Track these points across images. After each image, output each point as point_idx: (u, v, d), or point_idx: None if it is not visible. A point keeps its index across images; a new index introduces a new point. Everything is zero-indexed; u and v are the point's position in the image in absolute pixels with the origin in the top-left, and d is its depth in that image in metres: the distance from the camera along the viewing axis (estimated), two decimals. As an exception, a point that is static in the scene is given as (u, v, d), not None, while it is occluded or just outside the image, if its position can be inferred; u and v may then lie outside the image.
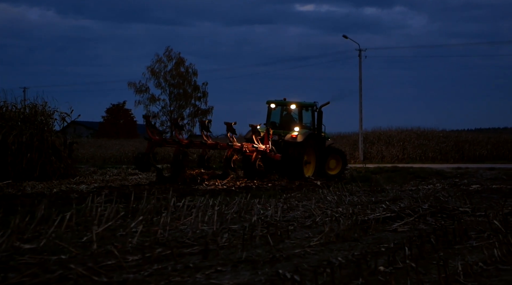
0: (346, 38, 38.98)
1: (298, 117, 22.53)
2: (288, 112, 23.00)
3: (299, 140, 21.09)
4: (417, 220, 9.67)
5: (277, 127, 21.99)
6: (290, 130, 21.96)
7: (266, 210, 10.84)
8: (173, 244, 7.57)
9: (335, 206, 12.03)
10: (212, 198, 11.70)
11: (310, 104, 22.78)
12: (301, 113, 22.53)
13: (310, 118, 22.74)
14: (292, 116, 22.93)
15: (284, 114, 23.01)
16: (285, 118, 22.88)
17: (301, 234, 8.45)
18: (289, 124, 22.51)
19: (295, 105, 22.61)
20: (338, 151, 23.90)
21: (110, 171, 26.64)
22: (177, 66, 76.37)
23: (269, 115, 22.80)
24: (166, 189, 16.51)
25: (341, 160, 23.28)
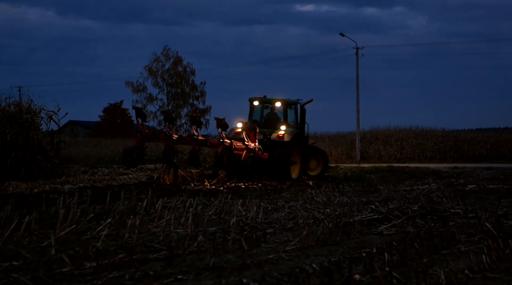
0: (343, 36, 38.49)
1: (283, 115, 21.74)
2: (272, 110, 22.19)
3: (286, 140, 20.31)
4: (406, 222, 9.16)
5: (260, 125, 21.07)
6: (274, 128, 21.17)
7: (248, 212, 10.34)
8: (139, 248, 7.08)
9: (322, 207, 11.53)
10: (190, 199, 11.20)
11: (294, 101, 22.06)
12: (286, 111, 21.76)
13: (294, 116, 21.98)
14: (276, 114, 22.12)
15: (267, 112, 22.19)
16: (269, 116, 22.08)
17: (281, 238, 7.95)
18: (272, 122, 21.72)
19: (280, 102, 21.81)
20: (319, 151, 23.20)
21: (100, 171, 26.13)
22: (174, 65, 75.77)
23: (251, 112, 21.98)
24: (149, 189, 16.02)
25: (322, 160, 22.62)
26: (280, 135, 20.48)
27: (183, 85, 76.15)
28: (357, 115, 39.58)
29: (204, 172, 20.57)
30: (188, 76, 76.63)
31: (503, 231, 8.14)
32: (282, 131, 20.66)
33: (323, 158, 22.72)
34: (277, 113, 22.11)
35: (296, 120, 21.94)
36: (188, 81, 76.50)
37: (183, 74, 76.32)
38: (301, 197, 13.05)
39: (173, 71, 75.75)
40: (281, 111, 21.90)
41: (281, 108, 21.86)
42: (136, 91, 74.12)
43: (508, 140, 46.82)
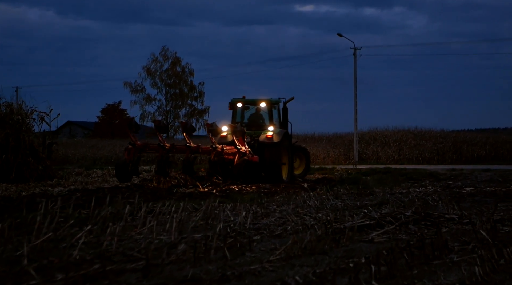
0: (341, 36, 38.19)
1: (269, 115, 21.27)
2: (257, 111, 21.75)
3: (275, 141, 19.89)
4: (398, 229, 8.85)
5: (244, 127, 20.65)
6: (259, 129, 20.76)
7: (237, 217, 10.03)
8: (117, 257, 6.77)
9: (314, 212, 11.23)
10: (178, 203, 10.90)
11: (277, 100, 21.63)
12: (272, 111, 21.29)
13: (277, 115, 21.53)
14: (260, 114, 21.68)
15: (251, 113, 21.75)
16: (253, 117, 21.65)
17: (267, 245, 7.64)
18: (257, 123, 21.33)
19: (265, 102, 21.33)
20: (301, 148, 22.83)
21: (95, 172, 25.86)
22: (173, 66, 75.62)
23: (234, 114, 21.57)
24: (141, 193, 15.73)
25: (305, 159, 22.22)
26: (268, 136, 20.03)
27: (181, 85, 75.97)
28: (355, 116, 39.29)
29: (198, 175, 20.27)
30: (186, 77, 76.46)
31: (499, 238, 7.83)
32: (270, 132, 20.23)
33: (306, 157, 22.30)
34: (261, 114, 21.66)
35: (279, 120, 21.49)
36: (187, 82, 76.33)
37: (181, 75, 76.12)
38: (293, 201, 12.73)
39: (171, 72, 75.55)
40: (265, 111, 21.42)
41: (266, 108, 21.38)
42: (135, 91, 73.98)
43: (508, 140, 46.52)
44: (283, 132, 20.49)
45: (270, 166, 19.84)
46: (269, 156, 19.81)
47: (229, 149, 19.43)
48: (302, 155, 22.26)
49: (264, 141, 20.01)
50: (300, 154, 22.20)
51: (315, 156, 38.42)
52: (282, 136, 20.19)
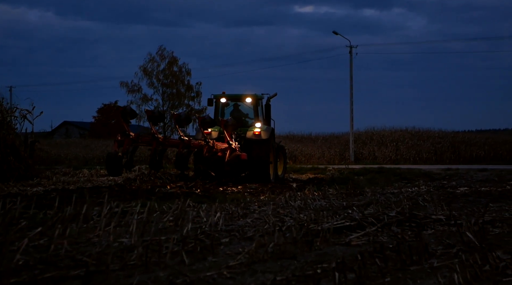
0: (337, 34, 37.53)
1: (254, 111, 20.61)
2: (237, 107, 21.10)
3: (264, 138, 19.20)
4: (380, 230, 8.22)
5: None
6: (243, 126, 20.07)
7: (212, 217, 9.40)
8: (65, 262, 6.16)
9: (296, 213, 10.61)
10: (152, 203, 10.28)
11: (261, 97, 21.00)
12: (257, 107, 20.62)
13: (261, 111, 20.86)
14: (242, 111, 21.05)
15: (232, 109, 21.07)
16: (236, 113, 20.95)
17: (235, 249, 7.02)
18: (240, 119, 20.60)
19: (251, 98, 20.63)
20: (280, 147, 22.19)
21: (82, 172, 25.26)
22: (170, 66, 74.83)
23: (217, 110, 20.82)
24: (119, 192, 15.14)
25: (283, 158, 21.54)
26: (256, 132, 19.34)
27: (178, 85, 75.23)
28: (350, 115, 38.65)
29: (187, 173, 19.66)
30: (183, 76, 75.71)
31: (487, 241, 7.20)
32: (257, 128, 19.52)
33: (284, 156, 21.61)
34: (243, 110, 21.02)
35: (262, 116, 20.84)
36: (184, 82, 75.62)
37: (178, 74, 75.36)
38: (276, 201, 12.10)
39: (168, 71, 74.79)
40: (249, 107, 20.78)
41: (250, 103, 20.72)
42: (131, 91, 73.18)
43: (507, 141, 45.85)
44: (270, 129, 19.86)
45: (258, 164, 19.14)
46: (257, 154, 19.09)
47: (220, 144, 18.71)
48: (281, 154, 21.61)
49: (252, 138, 19.28)
50: (279, 153, 21.53)
51: (310, 156, 37.83)
52: (270, 133, 19.53)
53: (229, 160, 18.49)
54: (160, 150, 17.64)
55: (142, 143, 18.23)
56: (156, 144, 17.46)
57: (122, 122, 17.68)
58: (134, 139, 17.38)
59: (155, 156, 17.58)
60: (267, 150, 19.37)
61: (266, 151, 19.30)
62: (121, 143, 17.07)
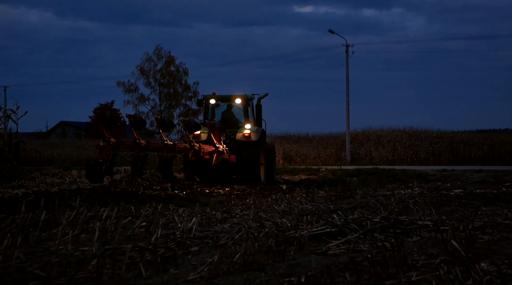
0: (333, 33, 37.01)
1: (244, 112, 20.09)
2: (229, 107, 20.59)
3: (253, 139, 18.68)
4: (362, 237, 7.72)
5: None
6: (233, 127, 19.60)
7: (187, 223, 8.90)
8: (13, 275, 5.66)
9: (279, 217, 10.12)
10: (129, 207, 9.80)
11: (252, 97, 20.49)
12: (247, 108, 20.12)
13: (251, 112, 20.36)
14: (232, 111, 20.54)
15: (223, 110, 20.53)
16: (227, 114, 20.45)
17: (203, 259, 6.51)
18: (230, 120, 20.16)
19: (240, 99, 20.11)
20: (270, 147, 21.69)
21: (71, 174, 24.77)
22: (167, 65, 74.41)
23: (207, 111, 20.32)
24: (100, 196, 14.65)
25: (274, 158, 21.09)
26: (246, 134, 18.81)
27: (175, 85, 74.77)
28: (347, 114, 38.10)
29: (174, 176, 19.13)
30: (180, 76, 75.26)
31: (474, 250, 6.71)
32: (247, 130, 18.99)
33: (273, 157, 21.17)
34: (233, 111, 20.53)
35: (253, 117, 20.33)
36: (181, 81, 75.14)
37: (175, 74, 74.89)
38: (260, 205, 11.59)
39: (165, 71, 74.34)
40: (239, 108, 20.28)
41: (240, 104, 20.21)
42: (128, 91, 72.69)
43: (506, 141, 45.19)
44: (260, 130, 19.35)
45: (247, 166, 18.64)
46: (246, 156, 18.58)
47: (207, 147, 18.18)
48: (272, 155, 21.08)
49: (242, 139, 18.77)
50: (271, 154, 20.98)
51: (305, 156, 37.30)
52: (260, 135, 19.03)
53: (216, 163, 18.00)
54: (142, 155, 17.11)
55: (124, 148, 17.77)
56: (138, 150, 16.91)
57: (102, 128, 17.27)
58: (115, 145, 16.87)
59: (137, 162, 17.01)
60: (257, 151, 18.89)
61: (256, 152, 18.82)
62: (102, 149, 16.58)
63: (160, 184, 17.72)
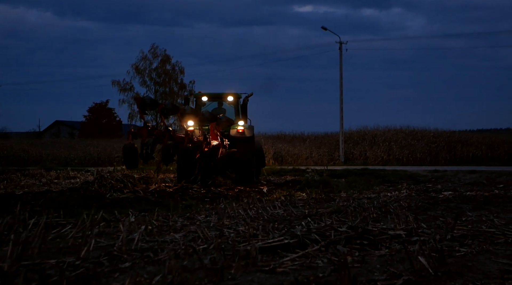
0: (325, 30, 36.04)
1: (235, 109, 20.01)
2: (220, 105, 20.33)
3: (248, 135, 18.31)
4: (323, 250, 6.80)
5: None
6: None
7: (133, 233, 8.00)
8: None
9: (244, 224, 9.22)
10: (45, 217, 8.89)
11: (240, 95, 20.41)
12: (238, 105, 19.97)
13: (239, 110, 20.22)
14: (222, 109, 20.22)
15: (216, 107, 20.27)
16: (218, 112, 19.77)
17: (131, 278, 5.59)
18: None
19: (232, 96, 19.98)
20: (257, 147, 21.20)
21: (49, 174, 23.95)
22: (163, 64, 73.39)
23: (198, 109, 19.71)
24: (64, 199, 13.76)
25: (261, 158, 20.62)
26: (240, 130, 18.42)
27: (171, 84, 73.80)
28: (340, 113, 37.10)
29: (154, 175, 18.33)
30: (176, 75, 74.33)
31: (446, 267, 5.80)
32: (240, 126, 18.58)
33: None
34: (223, 108, 20.23)
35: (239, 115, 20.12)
36: (177, 80, 74.20)
37: (171, 73, 73.95)
38: (230, 209, 10.67)
39: (161, 70, 73.39)
40: (231, 105, 20.16)
41: (233, 102, 20.12)
42: (123, 90, 71.67)
43: (505, 141, 44.07)
44: (252, 128, 19.11)
45: (242, 163, 18.22)
46: (241, 152, 18.15)
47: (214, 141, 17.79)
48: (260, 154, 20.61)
49: (236, 136, 18.34)
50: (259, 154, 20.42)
51: (297, 156, 36.30)
52: (253, 132, 18.80)
53: (222, 157, 17.76)
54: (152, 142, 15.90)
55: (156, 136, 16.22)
56: (168, 138, 15.95)
57: (141, 114, 16.57)
58: (150, 131, 15.90)
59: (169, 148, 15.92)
60: (251, 148, 18.55)
61: (250, 149, 18.48)
62: (134, 135, 15.78)
63: (136, 186, 16.76)
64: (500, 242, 7.33)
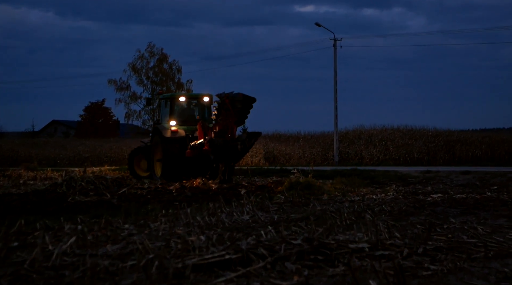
0: (319, 26, 34.99)
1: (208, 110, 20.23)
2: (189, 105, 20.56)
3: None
4: (269, 267, 5.82)
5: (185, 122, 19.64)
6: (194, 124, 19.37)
7: (64, 244, 7.03)
8: None
9: (199, 232, 8.26)
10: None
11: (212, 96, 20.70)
12: (210, 106, 20.09)
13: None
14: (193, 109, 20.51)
15: (190, 108, 20.54)
16: (192, 112, 20.44)
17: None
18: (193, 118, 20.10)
19: (208, 97, 20.28)
20: None
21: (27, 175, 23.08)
22: (159, 63, 72.45)
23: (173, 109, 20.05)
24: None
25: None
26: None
27: (168, 83, 72.86)
28: (335, 112, 36.03)
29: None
30: (173, 74, 73.39)
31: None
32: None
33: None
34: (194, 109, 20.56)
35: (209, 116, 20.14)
36: (174, 79, 73.27)
37: (168, 72, 73.04)
38: (183, 215, 9.68)
39: (158, 69, 72.45)
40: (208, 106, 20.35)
41: (208, 102, 20.35)
42: (120, 89, 70.75)
43: (506, 140, 42.85)
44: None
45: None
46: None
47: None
48: None
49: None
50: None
51: (290, 156, 35.28)
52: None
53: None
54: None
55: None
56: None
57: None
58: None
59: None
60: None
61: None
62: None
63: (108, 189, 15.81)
64: (479, 257, 6.34)
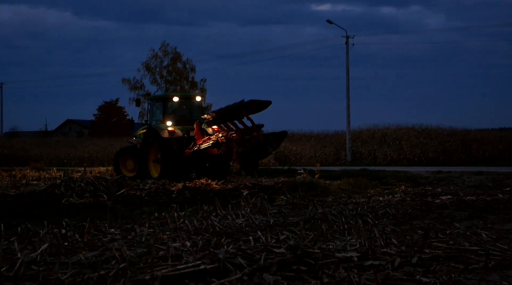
0: (331, 23, 34.42)
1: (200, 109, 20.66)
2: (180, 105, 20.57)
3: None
4: (246, 279, 5.33)
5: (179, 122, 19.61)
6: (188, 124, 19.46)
7: (34, 252, 6.61)
8: None
9: (185, 238, 7.84)
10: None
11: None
12: (202, 105, 20.82)
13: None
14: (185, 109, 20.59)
15: (184, 108, 20.54)
16: (184, 112, 20.44)
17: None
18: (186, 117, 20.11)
19: (199, 96, 20.77)
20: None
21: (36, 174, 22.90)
22: (173, 62, 72.10)
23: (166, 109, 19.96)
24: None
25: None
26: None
27: (182, 82, 72.56)
28: (347, 110, 35.43)
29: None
30: (187, 73, 73.06)
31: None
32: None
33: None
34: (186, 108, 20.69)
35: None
36: (188, 78, 72.93)
37: (182, 71, 72.70)
38: (170, 219, 9.23)
39: (171, 68, 72.15)
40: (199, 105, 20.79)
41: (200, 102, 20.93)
42: (133, 88, 70.51)
43: (524, 139, 41.93)
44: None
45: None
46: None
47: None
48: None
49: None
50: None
51: (300, 156, 34.73)
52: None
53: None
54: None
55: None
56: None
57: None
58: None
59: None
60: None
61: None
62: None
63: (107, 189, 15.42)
64: (478, 268, 5.81)
